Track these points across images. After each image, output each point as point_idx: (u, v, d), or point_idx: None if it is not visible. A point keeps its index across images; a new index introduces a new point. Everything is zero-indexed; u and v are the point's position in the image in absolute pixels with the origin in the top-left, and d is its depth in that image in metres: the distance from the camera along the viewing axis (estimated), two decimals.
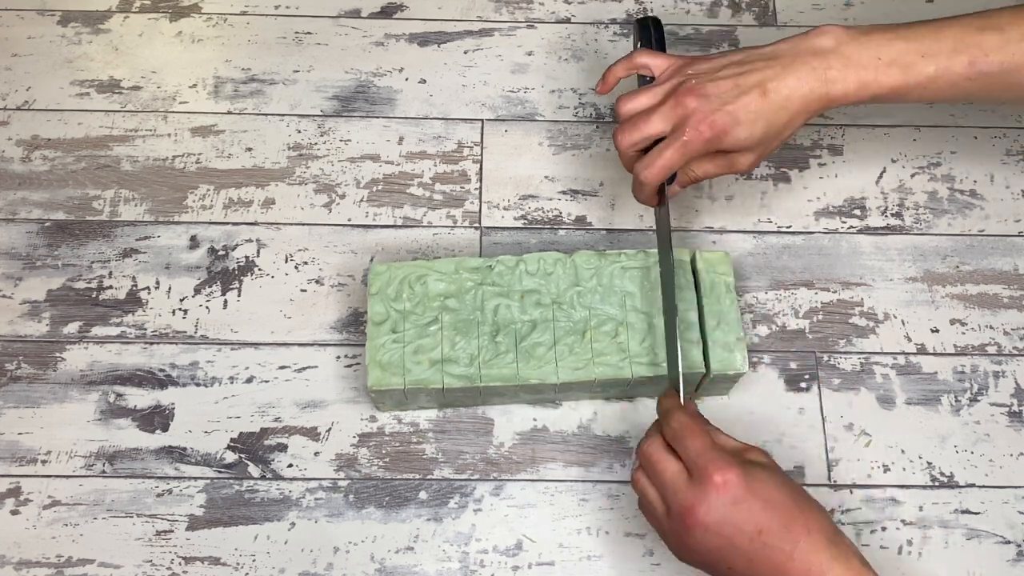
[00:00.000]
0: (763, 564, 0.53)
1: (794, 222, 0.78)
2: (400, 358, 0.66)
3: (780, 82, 0.60)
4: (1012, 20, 0.60)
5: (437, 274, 0.68)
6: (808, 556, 0.53)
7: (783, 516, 0.54)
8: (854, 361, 0.73)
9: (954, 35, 0.60)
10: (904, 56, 0.60)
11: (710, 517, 0.53)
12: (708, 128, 0.60)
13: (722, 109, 0.60)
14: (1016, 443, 0.70)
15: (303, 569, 0.66)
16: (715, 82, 0.61)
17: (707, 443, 0.55)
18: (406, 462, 0.69)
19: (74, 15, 0.85)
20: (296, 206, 0.77)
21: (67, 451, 0.69)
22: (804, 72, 0.60)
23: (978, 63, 0.60)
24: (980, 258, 0.77)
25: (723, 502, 0.53)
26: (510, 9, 0.87)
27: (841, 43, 0.61)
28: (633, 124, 0.63)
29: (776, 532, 0.53)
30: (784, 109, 0.60)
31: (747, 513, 0.53)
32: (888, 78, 0.60)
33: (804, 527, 0.53)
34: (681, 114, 0.61)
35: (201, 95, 0.82)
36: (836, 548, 0.53)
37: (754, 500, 0.53)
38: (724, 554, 0.54)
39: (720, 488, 0.53)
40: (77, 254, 0.75)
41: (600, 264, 0.69)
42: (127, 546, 0.66)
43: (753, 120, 0.60)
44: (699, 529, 0.54)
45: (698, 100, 0.60)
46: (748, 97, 0.60)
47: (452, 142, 0.81)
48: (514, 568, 0.66)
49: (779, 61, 0.61)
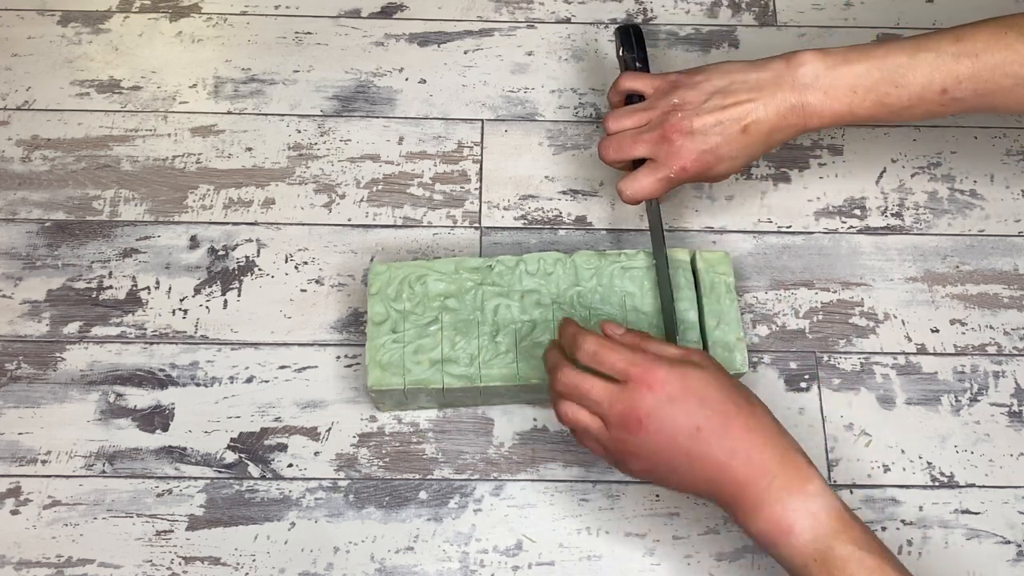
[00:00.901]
0: (704, 464, 0.54)
1: (794, 222, 0.78)
2: (400, 358, 0.66)
3: (760, 119, 0.63)
4: (987, 45, 0.61)
5: (437, 274, 0.68)
6: (749, 454, 0.53)
7: (721, 414, 0.54)
8: (854, 361, 0.73)
9: (929, 63, 0.61)
10: (879, 86, 0.62)
11: (649, 418, 0.54)
12: (693, 166, 0.64)
13: (707, 148, 0.64)
14: (1016, 443, 0.70)
15: (303, 569, 0.66)
16: (700, 116, 0.64)
17: (629, 352, 0.55)
18: (406, 462, 0.69)
19: (74, 15, 0.85)
20: (296, 206, 0.77)
21: (67, 451, 0.69)
22: (784, 108, 0.63)
23: (952, 91, 0.61)
24: (980, 258, 0.77)
25: (659, 401, 0.54)
26: (510, 9, 0.87)
27: (819, 75, 0.63)
28: (619, 143, 0.66)
29: (715, 430, 0.53)
30: (763, 143, 0.64)
31: (683, 411, 0.54)
32: (863, 109, 0.63)
33: (744, 425, 0.54)
34: (667, 149, 0.65)
35: (201, 95, 0.82)
36: (777, 445, 0.54)
37: (690, 398, 0.54)
38: (665, 456, 0.54)
39: (654, 387, 0.54)
40: (77, 254, 0.75)
41: (600, 264, 0.69)
42: (127, 546, 0.66)
43: (735, 156, 0.65)
44: (641, 432, 0.54)
45: (683, 138, 0.64)
46: (730, 135, 0.64)
47: (452, 142, 0.81)
48: (514, 568, 0.66)
49: (761, 94, 0.63)
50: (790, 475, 0.53)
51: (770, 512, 0.53)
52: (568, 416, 0.57)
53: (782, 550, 0.53)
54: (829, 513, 0.52)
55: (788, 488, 0.53)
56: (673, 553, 0.67)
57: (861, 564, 0.51)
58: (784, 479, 0.53)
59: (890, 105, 0.63)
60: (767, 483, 0.53)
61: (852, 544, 0.52)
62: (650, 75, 0.69)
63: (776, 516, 0.53)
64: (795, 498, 0.53)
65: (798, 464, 0.54)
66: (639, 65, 0.73)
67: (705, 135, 0.64)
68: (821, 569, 0.52)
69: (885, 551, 0.53)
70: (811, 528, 0.52)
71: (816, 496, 0.53)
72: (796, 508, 0.52)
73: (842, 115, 0.63)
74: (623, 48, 0.74)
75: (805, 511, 0.52)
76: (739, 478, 0.53)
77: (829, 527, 0.52)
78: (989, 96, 0.61)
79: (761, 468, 0.53)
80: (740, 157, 0.65)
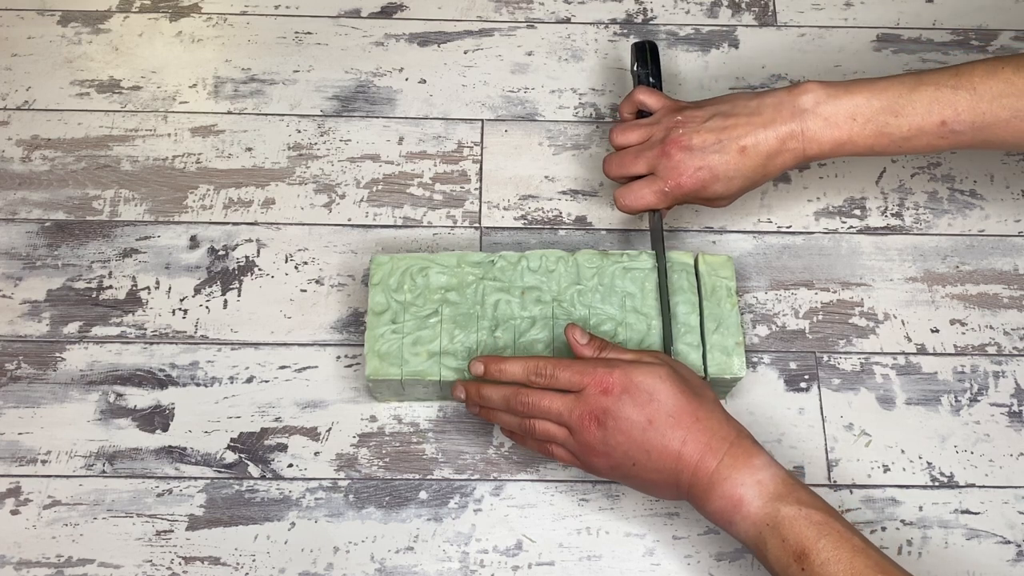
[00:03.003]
0: (660, 454, 0.58)
1: (794, 222, 0.78)
2: (399, 349, 0.66)
3: (759, 141, 0.64)
4: (984, 79, 0.62)
5: (439, 267, 0.68)
6: (699, 439, 0.57)
7: (669, 405, 0.58)
8: (854, 361, 0.73)
9: (928, 95, 0.62)
10: (879, 116, 0.63)
11: (605, 417, 0.58)
12: (689, 181, 0.66)
13: (704, 165, 0.65)
14: (1016, 443, 0.70)
15: (303, 569, 0.66)
16: (700, 134, 0.65)
17: (580, 364, 0.60)
18: (406, 462, 0.69)
19: (74, 15, 0.85)
20: (296, 206, 0.77)
21: (67, 451, 0.69)
22: (783, 132, 0.64)
23: (950, 123, 0.62)
24: (980, 258, 0.77)
25: (612, 401, 0.58)
26: (510, 9, 0.87)
27: (819, 103, 0.64)
28: (621, 160, 0.69)
29: (665, 421, 0.57)
30: (761, 166, 0.65)
31: (634, 407, 0.58)
32: (863, 138, 0.64)
33: (692, 414, 0.58)
34: (666, 164, 0.66)
35: (201, 95, 0.82)
36: (724, 429, 0.58)
37: (640, 394, 0.58)
38: (626, 450, 0.58)
39: (607, 389, 0.58)
40: (77, 254, 0.75)
41: (602, 264, 0.69)
42: (127, 546, 0.66)
43: (731, 177, 0.65)
44: (600, 431, 0.58)
45: (682, 153, 0.66)
46: (728, 155, 0.65)
47: (452, 142, 0.81)
48: (514, 568, 0.66)
49: (761, 118, 0.65)
50: (736, 453, 0.57)
51: (721, 490, 0.56)
52: (538, 430, 0.61)
53: (738, 524, 0.56)
54: (774, 479, 0.56)
55: (735, 465, 0.56)
56: (673, 553, 0.67)
57: (808, 520, 0.54)
58: (731, 458, 0.57)
59: (890, 135, 0.63)
60: (716, 463, 0.57)
61: (797, 504, 0.55)
62: (661, 94, 0.71)
63: (727, 492, 0.56)
64: (742, 472, 0.56)
65: (744, 444, 0.57)
66: (652, 81, 0.75)
67: (704, 152, 0.65)
68: (773, 533, 0.55)
69: (831, 509, 0.56)
70: (758, 496, 0.56)
71: (761, 468, 0.56)
72: (743, 481, 0.56)
73: (842, 142, 0.64)
74: (638, 63, 0.76)
75: (752, 482, 0.56)
76: (692, 463, 0.57)
77: (775, 492, 0.56)
78: (987, 129, 0.62)
79: (711, 451, 0.57)
80: (737, 178, 0.66)
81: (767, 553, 0.55)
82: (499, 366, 0.62)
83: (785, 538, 0.54)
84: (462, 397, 0.64)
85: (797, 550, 0.54)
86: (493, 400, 0.62)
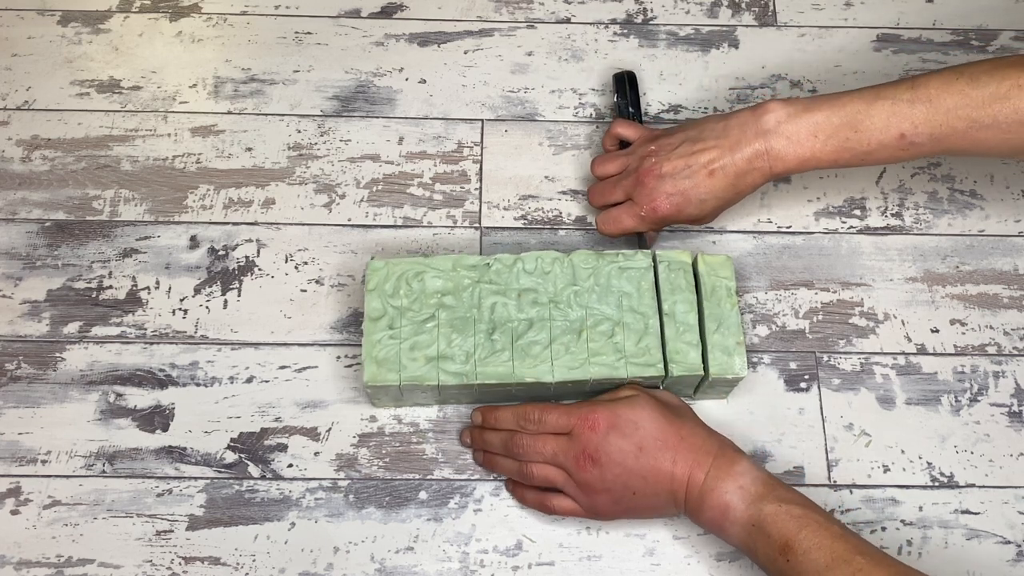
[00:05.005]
0: (656, 477, 0.61)
1: (794, 222, 0.78)
2: (396, 354, 0.66)
3: (726, 164, 0.67)
4: (940, 92, 0.63)
5: (435, 271, 0.68)
6: (686, 456, 0.61)
7: (655, 430, 0.62)
8: (854, 361, 0.73)
9: (886, 109, 0.64)
10: (839, 131, 0.65)
11: (598, 453, 0.61)
12: (663, 206, 0.69)
13: (675, 191, 0.68)
14: (1016, 443, 0.70)
15: (303, 569, 0.66)
16: (670, 161, 0.68)
17: (566, 408, 0.64)
18: (406, 462, 0.69)
19: (74, 15, 0.85)
20: (296, 206, 0.77)
21: (67, 451, 0.69)
22: (749, 153, 0.66)
23: (909, 136, 0.64)
24: (980, 258, 0.77)
25: (602, 436, 0.62)
26: (510, 9, 0.87)
27: (781, 122, 0.66)
28: (601, 190, 0.73)
29: (653, 445, 0.61)
30: (732, 186, 0.68)
31: (622, 438, 0.61)
32: (825, 154, 0.65)
33: (676, 434, 0.61)
34: (641, 191, 0.69)
35: (201, 95, 0.82)
36: (708, 443, 0.61)
37: (626, 425, 0.62)
38: (624, 481, 0.62)
39: (595, 427, 0.62)
40: (77, 254, 0.75)
41: (598, 264, 0.69)
42: (127, 546, 0.66)
43: (703, 199, 0.68)
44: (596, 468, 0.62)
45: (655, 180, 0.69)
46: (697, 179, 0.67)
47: (452, 142, 0.81)
48: (514, 568, 0.66)
49: (728, 140, 0.67)
50: (720, 464, 0.60)
51: (710, 500, 0.60)
52: (536, 474, 0.64)
53: (728, 530, 0.60)
54: (755, 483, 0.59)
55: (719, 476, 0.60)
56: (673, 553, 0.67)
57: (789, 514, 0.57)
58: (716, 469, 0.60)
59: (852, 149, 0.65)
60: (704, 475, 0.60)
61: (777, 502, 0.58)
62: (637, 125, 0.75)
63: (715, 502, 0.59)
64: (726, 481, 0.59)
65: (727, 454, 0.61)
66: (632, 110, 0.78)
67: (674, 178, 0.68)
68: (759, 532, 0.58)
69: (809, 502, 0.59)
70: (742, 500, 0.59)
71: (742, 474, 0.60)
72: (728, 489, 0.59)
73: (806, 159, 0.66)
74: (618, 94, 0.79)
75: (735, 488, 0.59)
76: (684, 479, 0.61)
77: (756, 493, 0.59)
78: (945, 140, 0.63)
79: (698, 465, 0.60)
80: (709, 200, 0.68)
81: (757, 552, 0.58)
82: (494, 414, 0.67)
83: (770, 534, 0.57)
84: (468, 443, 0.69)
85: (781, 544, 0.56)
86: (494, 444, 0.66)
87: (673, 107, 0.82)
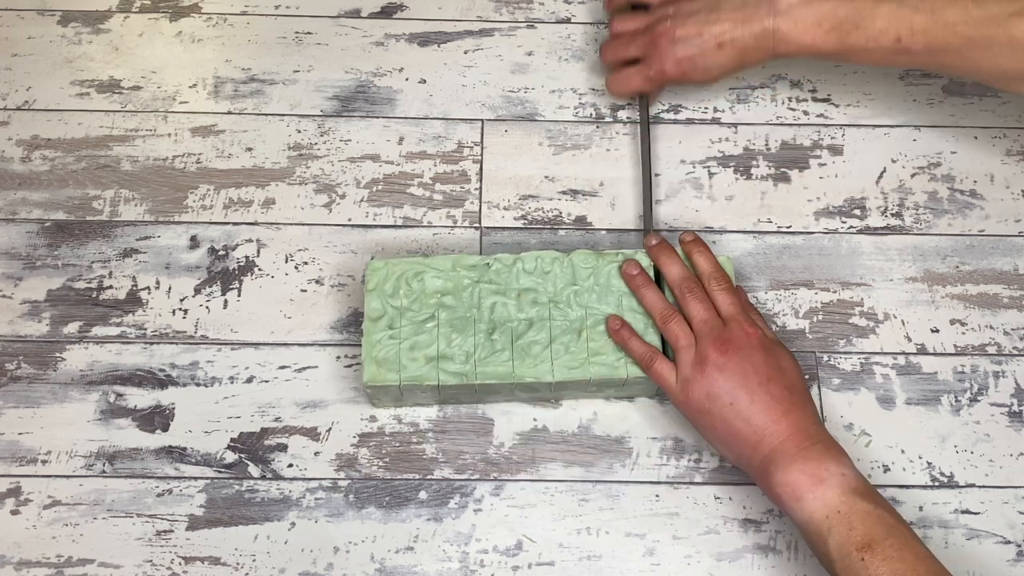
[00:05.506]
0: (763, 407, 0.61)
1: (794, 222, 0.78)
2: (396, 354, 0.66)
3: (736, 38, 0.70)
4: (944, 4, 0.64)
5: (434, 271, 0.68)
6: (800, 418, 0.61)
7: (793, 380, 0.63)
8: (854, 361, 0.73)
9: (890, 11, 0.66)
10: (843, 25, 0.67)
11: (734, 349, 0.63)
12: (671, 69, 0.73)
13: (685, 56, 0.71)
14: (1016, 443, 0.70)
15: (303, 569, 0.66)
16: (685, 27, 0.72)
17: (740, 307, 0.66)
18: (406, 462, 0.69)
19: (74, 15, 0.85)
20: (296, 206, 0.78)
21: (67, 451, 0.69)
22: (758, 30, 0.69)
23: (905, 41, 0.65)
24: (980, 258, 0.77)
25: (748, 343, 0.63)
26: (510, 9, 0.87)
27: (792, 5, 0.68)
28: (617, 45, 0.76)
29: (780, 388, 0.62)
30: (737, 59, 0.71)
31: (764, 361, 0.62)
32: (826, 45, 0.68)
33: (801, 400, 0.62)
34: (653, 51, 0.73)
35: (201, 95, 0.82)
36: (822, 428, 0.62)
37: (772, 356, 0.63)
38: (733, 386, 0.62)
39: (749, 334, 0.63)
40: (77, 254, 0.75)
41: (598, 264, 0.69)
42: (127, 546, 0.66)
43: (708, 68, 0.72)
44: (724, 358, 0.62)
45: (668, 43, 0.72)
46: (706, 48, 0.71)
47: (452, 142, 0.81)
48: (514, 568, 0.66)
49: (741, 15, 0.70)
50: (830, 445, 0.61)
51: (805, 465, 0.59)
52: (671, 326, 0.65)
53: (807, 502, 0.58)
54: (857, 479, 0.59)
55: (826, 452, 0.60)
56: (673, 553, 0.67)
57: (881, 520, 0.57)
58: (824, 446, 0.60)
59: (850, 45, 0.67)
60: (810, 443, 0.60)
61: (873, 503, 0.58)
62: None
63: (810, 470, 0.59)
64: (830, 461, 0.59)
65: (836, 446, 0.61)
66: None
67: (687, 43, 0.71)
68: (842, 520, 0.57)
69: (903, 519, 0.58)
70: (839, 484, 0.58)
71: (848, 466, 0.60)
72: (830, 468, 0.59)
73: (807, 46, 0.68)
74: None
75: (838, 471, 0.59)
76: (787, 431, 0.60)
77: (855, 488, 0.58)
78: (939, 53, 0.65)
79: (807, 433, 0.60)
80: (713, 69, 0.72)
81: (828, 537, 0.57)
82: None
83: (854, 527, 0.56)
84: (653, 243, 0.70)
85: (863, 541, 0.56)
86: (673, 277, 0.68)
87: (673, 107, 0.82)
